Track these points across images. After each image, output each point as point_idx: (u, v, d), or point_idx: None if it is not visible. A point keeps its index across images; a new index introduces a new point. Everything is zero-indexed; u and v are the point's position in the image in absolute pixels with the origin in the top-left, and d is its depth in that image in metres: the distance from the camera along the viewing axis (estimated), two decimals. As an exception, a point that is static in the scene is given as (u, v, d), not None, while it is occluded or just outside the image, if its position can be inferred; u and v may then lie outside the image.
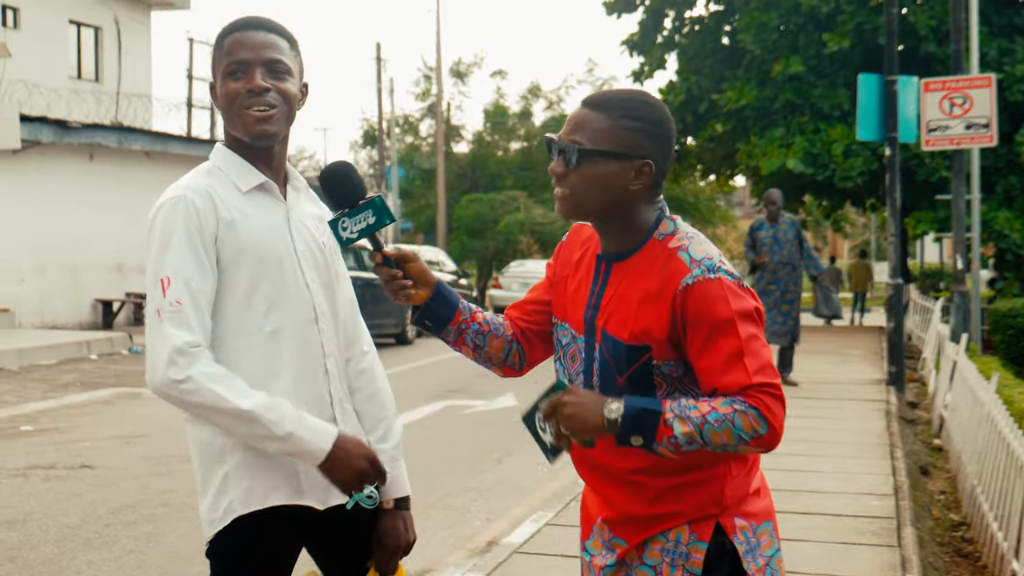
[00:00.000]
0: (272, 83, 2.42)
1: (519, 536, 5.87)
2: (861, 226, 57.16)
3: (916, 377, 13.88)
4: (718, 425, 2.04)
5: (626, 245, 2.24)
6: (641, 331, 2.17)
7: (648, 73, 25.31)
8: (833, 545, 5.69)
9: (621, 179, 2.18)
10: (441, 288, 2.38)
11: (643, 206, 2.23)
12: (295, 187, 2.55)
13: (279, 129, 2.45)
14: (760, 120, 22.59)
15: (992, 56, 20.22)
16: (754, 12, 22.16)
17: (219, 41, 2.46)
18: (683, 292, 2.12)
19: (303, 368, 2.43)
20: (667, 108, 2.27)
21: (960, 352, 8.72)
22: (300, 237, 2.48)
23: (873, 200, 25.94)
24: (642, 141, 2.18)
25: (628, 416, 2.06)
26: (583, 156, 2.18)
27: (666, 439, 2.06)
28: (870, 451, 8.23)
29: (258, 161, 2.47)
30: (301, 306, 2.44)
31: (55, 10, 23.31)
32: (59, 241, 19.64)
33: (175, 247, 2.32)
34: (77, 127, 19.64)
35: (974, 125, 12.88)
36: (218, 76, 2.45)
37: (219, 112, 2.48)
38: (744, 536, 2.22)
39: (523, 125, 39.54)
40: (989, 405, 6.17)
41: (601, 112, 2.20)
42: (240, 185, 2.44)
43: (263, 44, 2.43)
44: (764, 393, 2.07)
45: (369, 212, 2.31)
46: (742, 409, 2.06)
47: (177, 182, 2.44)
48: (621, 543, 2.29)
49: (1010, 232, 19.92)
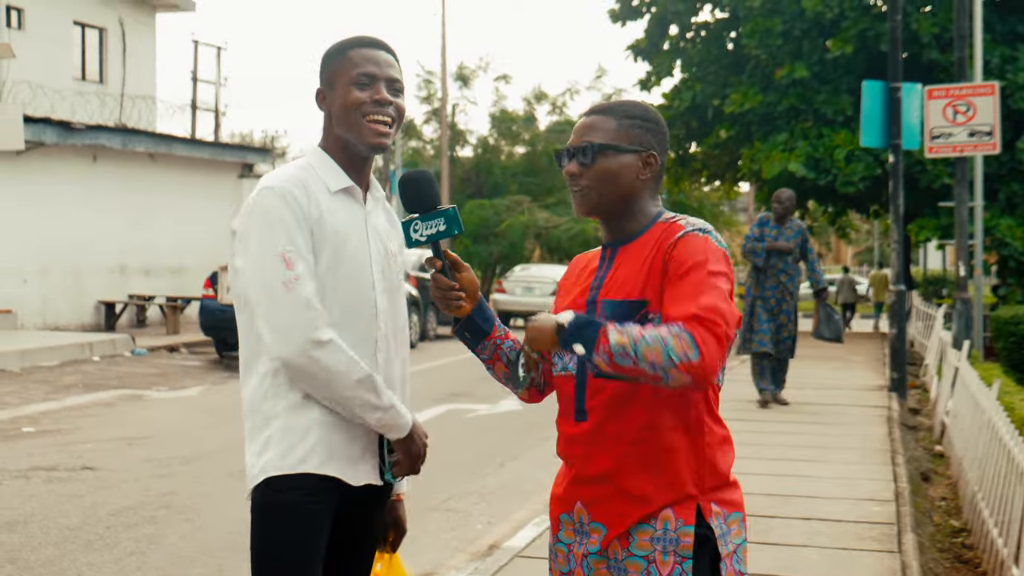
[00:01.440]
0: (392, 99, 2.65)
1: (521, 540, 5.87)
2: (865, 232, 57.18)
3: (918, 383, 13.89)
4: (652, 342, 2.17)
5: (632, 229, 2.46)
6: (640, 288, 2.35)
7: (655, 81, 25.31)
8: (834, 551, 5.69)
9: (632, 170, 2.43)
10: (483, 302, 2.56)
11: (648, 197, 2.47)
12: (375, 196, 2.75)
13: (391, 142, 2.69)
14: (764, 125, 22.61)
15: (995, 64, 20.22)
16: (758, 18, 22.18)
17: (343, 52, 2.67)
18: (673, 243, 2.33)
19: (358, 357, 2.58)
20: (658, 112, 2.54)
21: (962, 359, 8.72)
22: (374, 241, 2.68)
23: (876, 206, 25.93)
24: (645, 136, 2.45)
25: (573, 323, 2.24)
26: (598, 152, 2.42)
27: (602, 347, 2.20)
28: (871, 457, 8.24)
29: (350, 168, 2.67)
30: (364, 303, 2.62)
31: (59, 11, 23.34)
32: (62, 242, 19.66)
33: (287, 228, 2.51)
34: (81, 128, 19.66)
35: (977, 132, 12.88)
36: (339, 84, 2.65)
37: (333, 116, 2.66)
38: (718, 521, 2.35)
39: (528, 130, 39.56)
40: (990, 412, 6.17)
41: (606, 116, 2.46)
42: (330, 185, 2.62)
43: (387, 63, 2.68)
44: (704, 325, 2.19)
45: (441, 220, 2.47)
46: (677, 332, 2.18)
47: (275, 172, 2.62)
48: (600, 528, 2.37)
49: (1012, 239, 19.90)
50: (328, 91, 2.69)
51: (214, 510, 6.77)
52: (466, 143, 40.16)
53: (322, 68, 2.72)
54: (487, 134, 39.72)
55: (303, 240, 2.52)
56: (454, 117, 39.04)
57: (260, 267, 2.51)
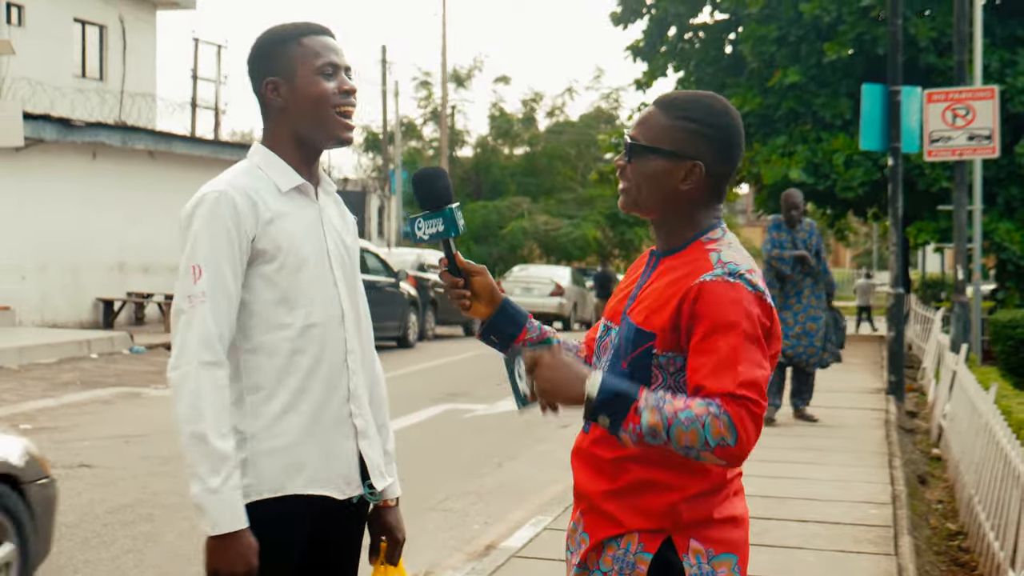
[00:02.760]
0: (354, 88, 2.54)
1: (518, 540, 5.88)
2: (864, 235, 57.20)
3: (916, 387, 13.90)
4: (687, 424, 2.01)
5: (675, 243, 2.26)
6: (653, 317, 2.17)
7: (649, 82, 25.35)
8: (831, 553, 5.70)
9: (670, 178, 2.21)
10: (507, 305, 2.43)
11: (698, 209, 2.25)
12: (325, 191, 2.63)
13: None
14: (762, 128, 22.63)
15: (994, 67, 20.23)
16: (753, 24, 22.20)
17: (296, 39, 2.51)
18: (698, 287, 2.11)
19: (326, 363, 2.50)
20: (738, 115, 2.28)
21: (959, 362, 8.73)
22: (331, 237, 2.57)
23: (875, 209, 25.95)
24: (696, 142, 2.21)
25: (603, 394, 2.06)
26: (634, 152, 2.24)
27: (632, 426, 2.04)
28: (868, 460, 8.24)
29: (302, 164, 2.55)
30: (329, 303, 2.52)
31: (60, 8, 23.35)
32: (61, 240, 19.66)
33: (212, 241, 2.39)
34: (80, 125, 19.66)
35: (976, 136, 12.89)
36: (301, 75, 2.49)
37: (291, 109, 2.50)
38: (696, 560, 2.17)
39: (527, 131, 39.59)
40: (987, 415, 6.18)
41: (663, 110, 2.25)
42: (280, 185, 2.50)
43: (341, 50, 2.56)
44: (743, 406, 2.03)
45: (439, 220, 2.41)
46: (716, 413, 2.01)
47: (218, 178, 2.49)
48: (586, 538, 2.30)
49: (1011, 243, 19.92)
50: (284, 81, 2.51)
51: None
52: (465, 144, 40.19)
53: (267, 55, 2.53)
54: (486, 135, 39.75)
55: (229, 253, 2.39)
56: (453, 118, 39.05)
57: (179, 278, 2.42)
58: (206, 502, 2.32)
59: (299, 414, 2.46)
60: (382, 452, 2.65)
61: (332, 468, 2.49)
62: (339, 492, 2.51)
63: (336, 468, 2.50)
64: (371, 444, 2.59)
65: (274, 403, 2.44)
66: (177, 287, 2.42)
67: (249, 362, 2.44)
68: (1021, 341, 13.30)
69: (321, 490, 2.48)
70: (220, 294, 2.38)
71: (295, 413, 2.45)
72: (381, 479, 2.61)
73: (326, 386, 2.49)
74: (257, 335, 2.44)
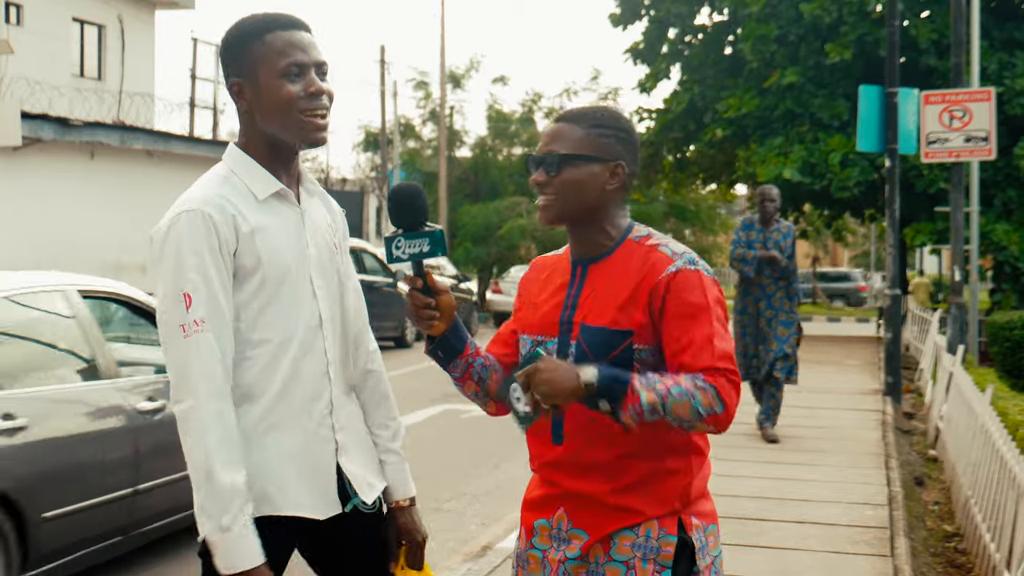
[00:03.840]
0: (325, 87, 2.40)
1: (514, 541, 5.88)
2: (861, 236, 57.21)
3: (913, 388, 13.91)
4: (680, 398, 2.19)
5: (601, 247, 2.40)
6: (624, 317, 2.31)
7: (652, 84, 25.35)
8: (827, 554, 5.71)
9: (599, 180, 2.37)
10: (458, 322, 2.46)
11: (617, 209, 2.42)
12: (308, 191, 2.53)
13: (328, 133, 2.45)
14: (760, 128, 22.65)
15: (992, 69, 20.26)
16: (753, 24, 22.21)
17: (258, 36, 2.38)
18: (667, 279, 2.29)
19: (306, 374, 2.41)
20: (631, 120, 2.48)
21: (956, 363, 8.74)
22: (313, 243, 2.47)
23: (872, 211, 25.97)
24: (614, 145, 2.39)
25: (602, 380, 2.18)
26: (563, 162, 2.36)
27: (631, 407, 2.18)
28: (865, 461, 8.25)
29: (278, 165, 2.44)
30: (308, 314, 2.42)
31: (58, 7, 23.34)
32: (59, 239, 19.64)
33: (197, 263, 2.28)
34: (79, 125, 19.65)
35: (973, 138, 12.91)
36: (262, 75, 2.37)
37: (258, 111, 2.39)
38: (698, 534, 2.37)
39: (525, 131, 39.60)
40: (983, 417, 6.19)
41: (575, 123, 2.40)
42: (257, 193, 2.39)
43: (311, 44, 2.40)
44: (724, 376, 2.23)
45: (425, 240, 2.36)
46: (703, 386, 2.21)
47: (191, 192, 2.37)
48: (581, 534, 2.36)
49: (1008, 244, 19.94)
50: (248, 83, 2.39)
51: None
52: (463, 144, 40.19)
53: (233, 55, 2.40)
54: (485, 135, 39.75)
55: (217, 273, 2.29)
56: (452, 118, 39.06)
57: (164, 306, 2.29)
58: (218, 541, 2.23)
59: (277, 431, 2.37)
60: (369, 462, 2.56)
61: (310, 487, 2.40)
62: (318, 512, 2.42)
63: (315, 487, 2.41)
64: (352, 459, 2.49)
65: (252, 419, 2.35)
66: (163, 314, 2.30)
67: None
68: (1018, 343, 13.31)
69: (295, 511, 2.38)
70: (216, 319, 2.28)
71: (273, 430, 2.37)
72: (370, 490, 2.51)
73: (304, 401, 2.40)
74: (238, 349, 2.34)
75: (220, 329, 2.29)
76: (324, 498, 2.43)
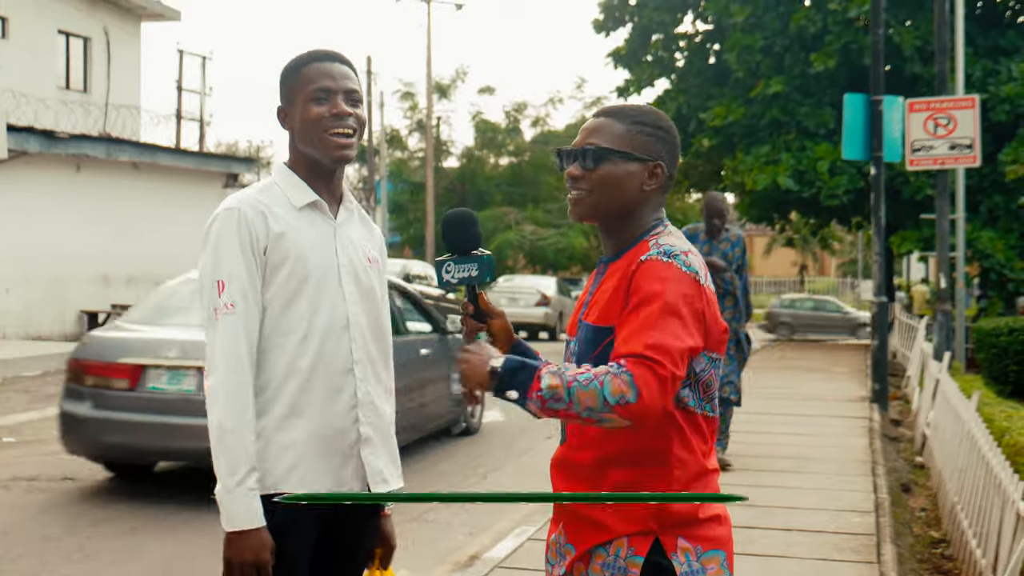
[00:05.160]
0: (351, 110, 2.65)
1: (501, 551, 5.88)
2: (848, 244, 57.37)
3: (901, 395, 13.95)
4: (586, 384, 2.04)
5: (623, 245, 2.34)
6: (608, 314, 2.24)
7: (633, 90, 25.41)
8: (813, 561, 5.71)
9: (637, 179, 2.31)
10: (520, 345, 2.44)
11: (650, 209, 2.35)
12: (348, 208, 2.75)
13: (355, 152, 2.71)
14: (746, 137, 22.72)
15: (977, 77, 20.37)
16: (739, 34, 22.30)
17: (298, 69, 2.67)
18: (636, 267, 2.21)
19: (326, 370, 2.59)
20: (671, 121, 2.40)
21: (942, 370, 8.77)
22: (344, 252, 2.68)
23: (859, 218, 26.06)
24: (655, 144, 2.33)
25: (507, 368, 2.12)
26: (602, 156, 2.30)
27: (534, 393, 2.08)
28: (852, 468, 8.27)
29: (318, 181, 2.68)
30: (335, 314, 2.62)
31: (44, 20, 23.30)
32: (45, 252, 19.59)
33: (230, 254, 2.54)
34: (65, 137, 19.61)
35: (958, 145, 12.98)
36: (298, 101, 2.65)
37: (295, 133, 2.67)
38: (685, 557, 2.21)
39: (512, 141, 39.64)
40: (969, 423, 6.21)
41: (616, 119, 2.34)
42: (294, 201, 2.65)
43: (343, 75, 2.67)
44: (646, 366, 2.05)
45: (474, 265, 2.39)
46: (615, 372, 2.05)
47: (234, 194, 2.64)
48: (571, 550, 2.30)
49: (993, 252, 20.02)
50: (288, 108, 2.70)
51: (196, 521, 6.75)
52: (450, 154, 40.22)
53: (281, 86, 2.73)
54: (472, 145, 39.79)
55: (247, 265, 2.55)
56: (438, 129, 39.09)
57: (203, 291, 2.57)
58: (222, 499, 2.47)
59: (300, 416, 2.57)
60: (390, 461, 2.74)
61: (330, 473, 2.59)
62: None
63: (334, 474, 2.60)
64: (374, 452, 2.67)
65: (278, 404, 2.56)
66: (203, 300, 2.57)
67: (258, 362, 2.56)
68: (1004, 349, 13.36)
69: (319, 490, 2.57)
70: (244, 303, 2.53)
71: (296, 415, 2.57)
72: (383, 484, 2.68)
73: (327, 392, 2.59)
74: (263, 339, 2.57)
75: (247, 314, 2.53)
76: (338, 485, 2.61)
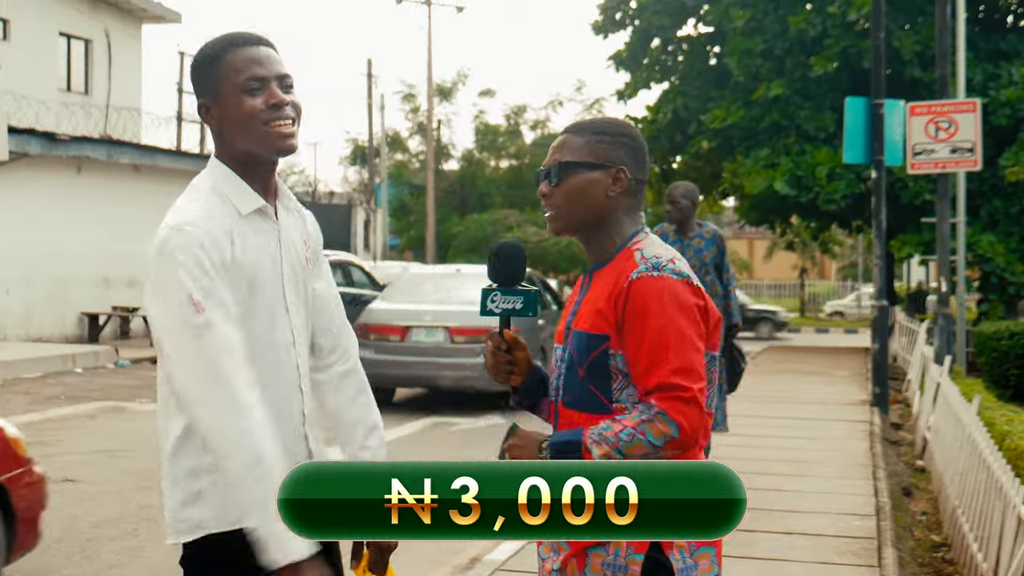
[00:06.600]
0: (289, 98, 2.43)
1: (502, 553, 5.88)
2: (849, 247, 57.36)
3: (901, 399, 13.94)
4: (630, 440, 2.18)
5: (605, 255, 2.42)
6: (601, 322, 2.32)
7: (632, 92, 25.42)
8: (814, 565, 5.71)
9: (601, 186, 2.39)
10: (537, 369, 2.55)
11: (622, 216, 2.43)
12: (285, 206, 2.54)
13: (298, 142, 2.47)
14: (746, 140, 22.72)
15: (978, 80, 20.37)
16: (739, 37, 22.30)
17: (219, 58, 2.42)
18: (627, 286, 2.29)
19: (276, 388, 2.43)
20: (638, 129, 2.47)
21: (943, 374, 8.77)
22: (287, 258, 2.49)
23: (859, 222, 26.04)
24: (615, 151, 2.41)
25: (555, 449, 2.22)
26: (564, 170, 2.40)
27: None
28: (853, 472, 8.27)
29: (255, 179, 2.45)
30: (281, 329, 2.46)
31: (45, 22, 23.30)
32: (46, 253, 19.59)
33: (199, 270, 2.29)
34: (65, 139, 19.61)
35: (959, 149, 12.97)
36: (225, 93, 2.41)
37: (227, 128, 2.42)
38: (680, 555, 2.28)
39: (512, 143, 39.65)
40: (970, 427, 6.21)
41: (576, 134, 2.44)
42: (240, 209, 2.42)
43: (272, 59, 2.44)
44: (672, 396, 2.20)
45: (520, 299, 2.46)
46: (649, 417, 2.19)
47: (183, 209, 2.39)
48: (565, 545, 2.35)
49: (994, 255, 20.02)
50: (213, 103, 2.43)
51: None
52: (450, 156, 40.23)
53: (198, 77, 2.45)
54: (472, 147, 39.81)
55: (216, 280, 2.31)
56: (439, 131, 39.10)
57: (167, 309, 2.30)
58: (272, 530, 2.22)
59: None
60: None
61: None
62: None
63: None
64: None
65: None
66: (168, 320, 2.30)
67: None
68: (1005, 353, 13.35)
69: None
70: (227, 314, 2.30)
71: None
72: None
73: (277, 412, 2.38)
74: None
75: (233, 324, 2.30)
76: None
